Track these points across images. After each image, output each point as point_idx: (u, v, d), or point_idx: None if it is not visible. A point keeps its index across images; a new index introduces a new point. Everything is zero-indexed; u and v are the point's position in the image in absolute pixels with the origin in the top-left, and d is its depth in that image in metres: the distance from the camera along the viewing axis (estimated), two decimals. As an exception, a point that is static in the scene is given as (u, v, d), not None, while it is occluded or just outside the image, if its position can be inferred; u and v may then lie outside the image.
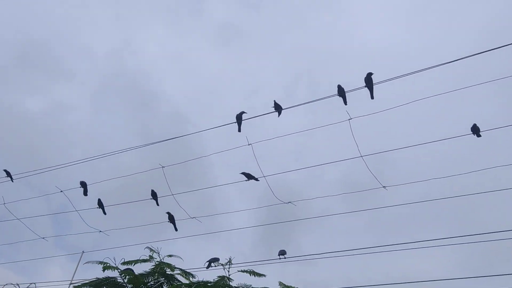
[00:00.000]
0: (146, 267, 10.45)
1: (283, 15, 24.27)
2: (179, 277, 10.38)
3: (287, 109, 10.81)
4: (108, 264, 10.04)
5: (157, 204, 12.78)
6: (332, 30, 22.30)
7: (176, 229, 12.41)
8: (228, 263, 9.04)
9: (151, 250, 10.44)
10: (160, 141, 12.84)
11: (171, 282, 10.21)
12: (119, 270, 9.94)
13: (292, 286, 9.08)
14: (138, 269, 10.38)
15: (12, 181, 13.77)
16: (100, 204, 13.02)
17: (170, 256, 10.39)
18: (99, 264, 10.11)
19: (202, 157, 11.69)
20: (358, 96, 10.15)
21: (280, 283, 9.14)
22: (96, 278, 10.71)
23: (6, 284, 9.97)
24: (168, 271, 10.30)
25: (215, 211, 14.42)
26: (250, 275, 8.96)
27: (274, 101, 10.57)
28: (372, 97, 9.16)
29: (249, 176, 11.46)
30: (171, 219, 12.29)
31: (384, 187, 9.67)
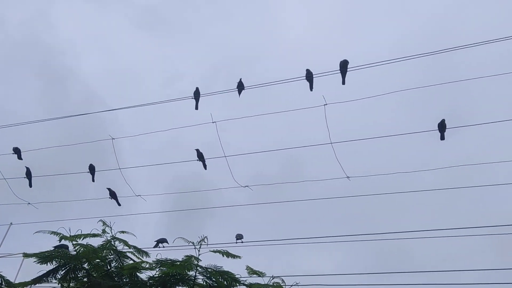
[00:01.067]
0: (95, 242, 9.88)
1: (208, 5, 24.22)
2: (131, 256, 9.93)
3: (207, 95, 11.08)
4: (62, 235, 9.38)
5: (93, 180, 12.27)
6: (255, 26, 22.76)
7: (119, 204, 12.02)
8: (200, 242, 8.80)
9: (104, 223, 9.86)
10: (72, 116, 12.48)
11: (122, 260, 9.75)
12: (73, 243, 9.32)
13: (259, 271, 9.12)
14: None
15: None
16: (28, 174, 12.22)
17: (123, 232, 9.89)
18: (52, 235, 9.41)
19: (171, 129, 11.42)
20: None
21: (248, 267, 9.14)
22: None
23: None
24: (120, 248, 9.81)
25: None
26: (223, 256, 8.79)
27: (240, 79, 10.62)
28: (343, 83, 9.73)
29: (201, 157, 11.42)
30: (113, 195, 11.89)
31: (348, 177, 10.11)
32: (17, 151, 12.23)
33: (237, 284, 8.79)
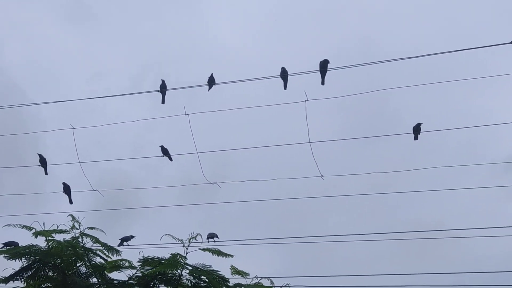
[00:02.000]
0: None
1: (138, 3, 23.48)
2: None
3: (174, 89, 11.01)
4: (36, 230, 8.59)
5: (46, 173, 11.47)
6: (185, 27, 22.55)
7: (71, 202, 11.34)
8: (190, 240, 8.47)
9: (73, 218, 9.17)
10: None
11: (89, 259, 9.09)
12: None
13: (243, 271, 9.02)
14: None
15: None
16: None
17: (91, 228, 9.29)
18: (23, 229, 8.59)
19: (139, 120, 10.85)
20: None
21: (232, 267, 8.99)
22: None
23: None
24: (91, 246, 9.17)
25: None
26: (213, 254, 8.52)
27: (212, 74, 10.59)
28: (323, 83, 9.88)
29: (165, 152, 11.26)
30: (67, 190, 11.19)
31: (321, 176, 10.32)
32: None
33: (227, 284, 8.57)
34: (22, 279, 8.47)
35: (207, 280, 8.40)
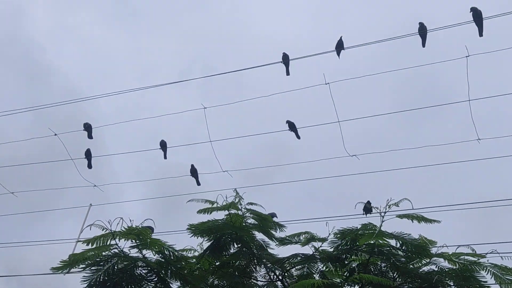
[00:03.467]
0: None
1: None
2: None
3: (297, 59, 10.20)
4: (214, 205, 7.57)
5: (165, 157, 11.43)
6: (229, 18, 22.14)
7: (198, 183, 10.51)
8: (386, 207, 7.52)
9: (236, 194, 8.14)
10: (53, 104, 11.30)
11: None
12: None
13: (431, 239, 8.13)
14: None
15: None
16: (88, 155, 11.40)
17: (251, 203, 8.28)
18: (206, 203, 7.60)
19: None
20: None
21: (420, 236, 8.07)
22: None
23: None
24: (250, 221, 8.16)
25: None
26: (413, 221, 7.57)
27: (341, 37, 10.00)
28: (480, 35, 9.01)
29: (292, 127, 10.54)
30: (194, 172, 10.43)
31: (478, 139, 9.54)
32: (87, 127, 11.11)
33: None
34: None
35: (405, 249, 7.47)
